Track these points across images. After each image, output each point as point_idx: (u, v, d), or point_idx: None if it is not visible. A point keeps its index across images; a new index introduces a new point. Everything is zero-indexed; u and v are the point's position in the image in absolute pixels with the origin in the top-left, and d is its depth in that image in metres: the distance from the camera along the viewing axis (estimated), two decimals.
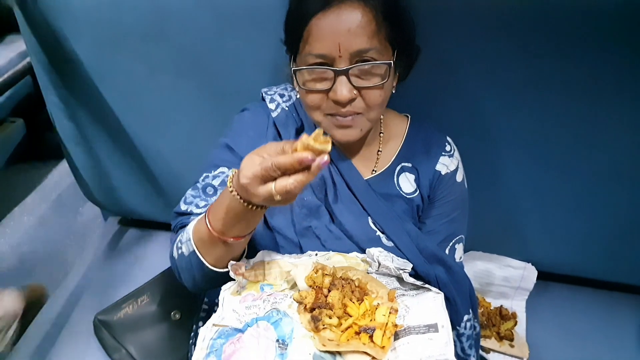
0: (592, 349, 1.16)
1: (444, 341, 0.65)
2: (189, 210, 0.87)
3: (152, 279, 1.23)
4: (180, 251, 0.79)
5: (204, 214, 0.74)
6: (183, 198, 0.89)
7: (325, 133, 0.60)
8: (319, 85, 0.76)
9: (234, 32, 0.99)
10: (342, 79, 0.73)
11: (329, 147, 0.59)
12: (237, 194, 0.65)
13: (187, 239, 0.76)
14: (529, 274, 1.23)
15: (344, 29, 0.70)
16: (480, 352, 1.12)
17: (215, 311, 0.96)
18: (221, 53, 1.03)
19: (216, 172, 0.87)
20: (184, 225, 0.85)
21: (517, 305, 1.25)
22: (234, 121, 0.93)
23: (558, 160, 1.04)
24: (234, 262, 0.76)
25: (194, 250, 0.75)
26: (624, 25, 0.84)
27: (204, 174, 0.88)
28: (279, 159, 0.58)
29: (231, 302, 0.74)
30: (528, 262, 1.24)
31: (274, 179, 0.60)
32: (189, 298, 1.12)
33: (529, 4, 0.84)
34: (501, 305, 1.23)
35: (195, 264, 0.76)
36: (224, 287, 0.78)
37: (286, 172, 0.59)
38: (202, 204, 0.86)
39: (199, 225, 0.75)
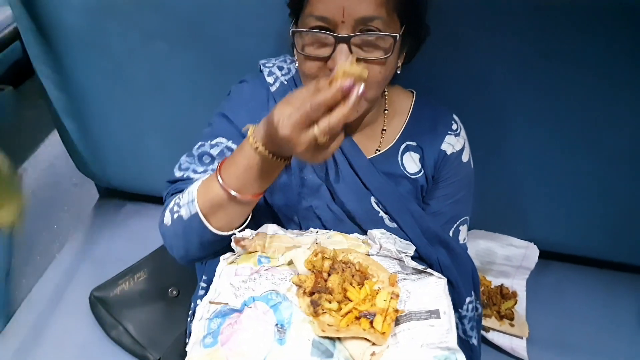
0: (592, 329, 1.15)
1: (445, 328, 0.63)
2: (185, 176, 0.82)
3: (148, 254, 1.21)
4: (176, 215, 0.73)
5: (212, 174, 0.71)
6: (177, 165, 0.84)
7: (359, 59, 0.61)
8: (317, 51, 0.71)
9: None
10: (343, 47, 0.68)
11: (366, 72, 0.58)
12: (265, 149, 0.63)
13: (190, 200, 0.71)
14: (531, 253, 1.22)
15: None
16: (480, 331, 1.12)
17: None
18: (220, 20, 0.98)
19: (214, 142, 0.83)
20: (178, 191, 0.79)
21: (518, 284, 1.24)
22: (232, 92, 0.89)
23: (563, 138, 1.02)
24: (236, 234, 0.72)
25: (197, 213, 0.70)
26: (637, 4, 0.80)
27: (200, 142, 0.84)
28: (318, 98, 0.56)
29: (228, 274, 0.71)
30: (530, 241, 1.22)
31: (315, 122, 0.57)
32: (186, 274, 1.11)
33: None
34: (502, 284, 1.22)
35: (197, 228, 0.71)
36: (223, 257, 0.74)
37: (327, 109, 0.57)
38: (200, 169, 0.82)
39: (207, 187, 0.70)
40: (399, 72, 0.78)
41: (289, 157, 0.67)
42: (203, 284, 0.98)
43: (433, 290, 0.68)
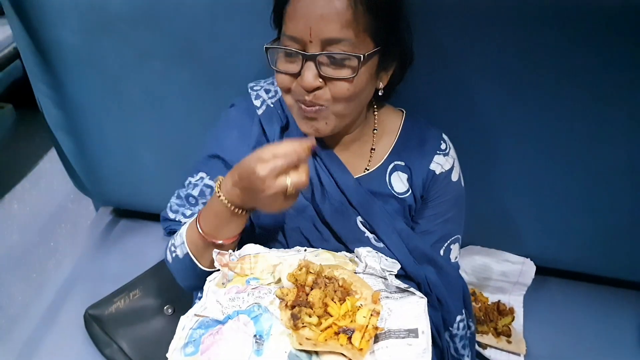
0: (590, 345, 1.13)
1: (422, 348, 0.62)
2: (177, 219, 0.90)
3: (144, 272, 1.21)
4: (174, 254, 0.83)
5: (194, 218, 0.79)
6: (168, 205, 0.91)
7: None
8: (288, 66, 0.73)
9: (228, 16, 0.96)
10: (310, 64, 0.70)
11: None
12: (225, 199, 0.72)
13: (181, 242, 0.80)
14: (527, 269, 1.21)
15: (317, 14, 0.67)
16: (477, 347, 1.11)
17: None
18: (215, 39, 1.00)
19: (196, 179, 0.89)
20: (173, 231, 0.88)
21: (515, 300, 1.22)
22: (221, 119, 0.91)
23: (558, 154, 1.02)
24: (218, 251, 0.76)
25: (188, 253, 0.79)
26: (629, 18, 0.80)
27: (188, 179, 0.90)
28: (299, 155, 0.67)
29: (215, 293, 0.72)
30: (527, 257, 1.21)
31: (286, 173, 0.66)
32: (182, 293, 1.11)
33: None
34: (499, 301, 1.21)
35: (190, 266, 0.80)
36: (209, 278, 0.77)
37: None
38: (188, 212, 0.89)
39: (190, 230, 0.79)
40: (380, 93, 0.79)
41: (250, 209, 0.75)
42: (198, 302, 0.98)
43: (414, 309, 0.67)
